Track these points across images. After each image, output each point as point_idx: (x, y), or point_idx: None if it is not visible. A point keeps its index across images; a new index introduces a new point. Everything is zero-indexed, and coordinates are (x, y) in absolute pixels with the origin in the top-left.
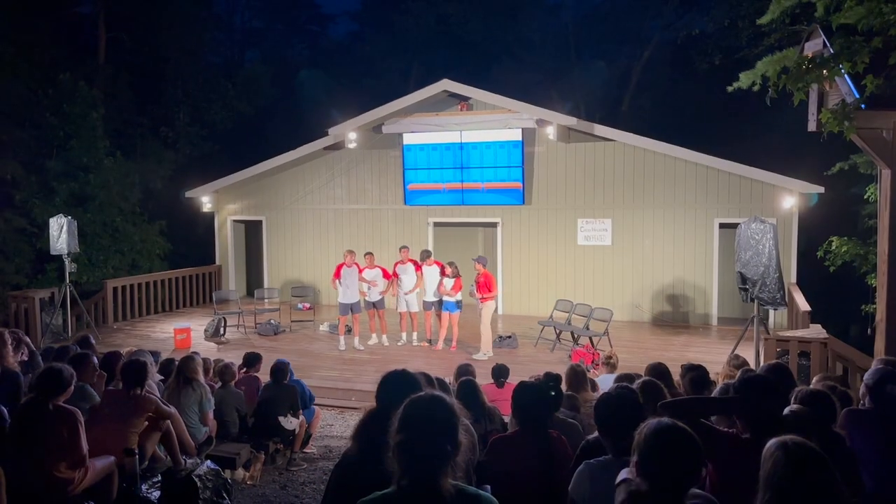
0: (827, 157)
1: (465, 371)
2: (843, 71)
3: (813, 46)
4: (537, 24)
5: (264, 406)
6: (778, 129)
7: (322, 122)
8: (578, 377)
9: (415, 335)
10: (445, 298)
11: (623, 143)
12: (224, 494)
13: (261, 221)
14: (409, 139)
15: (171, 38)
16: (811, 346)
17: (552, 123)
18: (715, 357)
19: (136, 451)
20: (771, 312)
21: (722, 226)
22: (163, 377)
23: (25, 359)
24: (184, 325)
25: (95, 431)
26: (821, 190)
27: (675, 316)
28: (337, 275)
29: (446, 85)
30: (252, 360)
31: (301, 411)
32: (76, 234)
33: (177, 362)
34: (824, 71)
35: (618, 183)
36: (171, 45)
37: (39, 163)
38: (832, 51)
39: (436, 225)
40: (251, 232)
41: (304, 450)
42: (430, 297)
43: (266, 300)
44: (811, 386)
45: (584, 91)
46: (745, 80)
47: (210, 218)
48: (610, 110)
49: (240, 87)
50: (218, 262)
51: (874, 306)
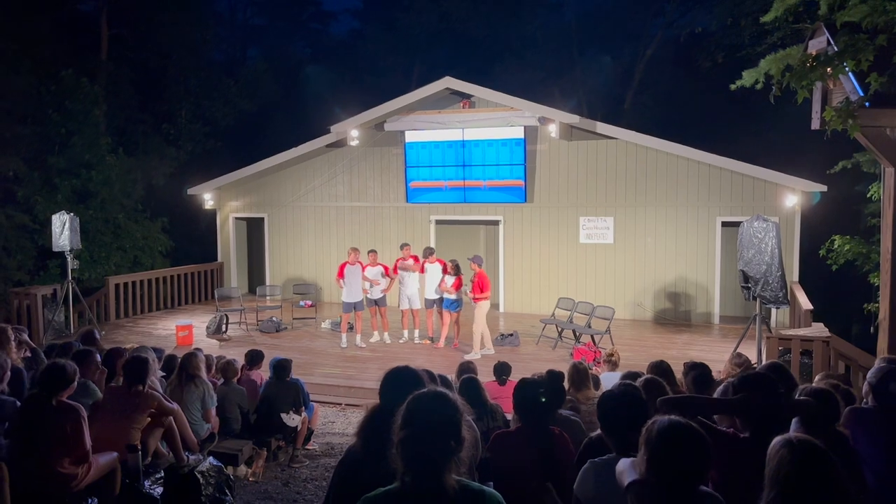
0: (830, 155)
1: (467, 368)
2: (847, 69)
3: (817, 44)
4: (540, 22)
5: (266, 403)
6: (780, 127)
7: (324, 120)
8: (581, 375)
9: (416, 332)
10: (446, 296)
11: (625, 141)
12: (226, 491)
13: (263, 219)
14: (411, 137)
15: (173, 35)
16: (813, 344)
17: (554, 121)
18: (717, 355)
19: (139, 448)
20: (773, 311)
21: (724, 224)
22: (165, 374)
23: (28, 355)
24: (186, 322)
25: (98, 428)
26: (823, 188)
27: (677, 314)
28: (341, 274)
29: (448, 83)
30: (256, 358)
31: (303, 408)
32: (78, 230)
33: (179, 359)
34: (828, 69)
35: (620, 181)
36: (173, 42)
37: (42, 159)
38: (836, 48)
39: (438, 223)
40: (253, 229)
41: (307, 447)
42: (432, 295)
43: (268, 297)
44: (814, 384)
45: (587, 89)
46: (748, 78)
47: (212, 215)
48: (612, 108)
49: (242, 84)
50: (220, 260)
51: (876, 305)
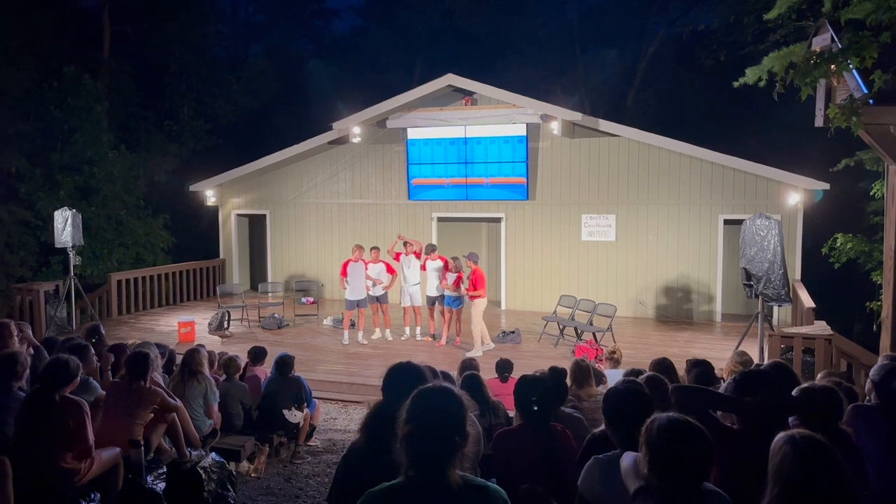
0: (832, 153)
1: (469, 365)
2: (851, 66)
3: (821, 41)
4: (542, 19)
5: (269, 399)
6: (783, 125)
7: (326, 117)
8: (583, 372)
9: (418, 330)
10: (447, 293)
11: (627, 138)
12: (228, 486)
13: (265, 216)
14: (413, 134)
15: (175, 31)
16: (816, 342)
17: (557, 118)
18: (719, 353)
19: (142, 443)
20: (775, 309)
21: (726, 222)
22: (166, 372)
23: (31, 352)
24: (188, 318)
25: (101, 423)
26: (826, 186)
27: (678, 312)
28: (344, 272)
29: (451, 79)
30: (259, 355)
31: (305, 404)
32: (81, 227)
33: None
34: (832, 66)
35: (622, 178)
36: (175, 39)
37: (44, 156)
38: (840, 45)
39: (440, 220)
40: (255, 226)
41: (308, 443)
42: (433, 292)
43: (270, 294)
44: (816, 382)
45: (589, 86)
46: (751, 75)
47: (214, 212)
48: (614, 106)
49: (244, 81)
50: (222, 256)
51: (879, 303)
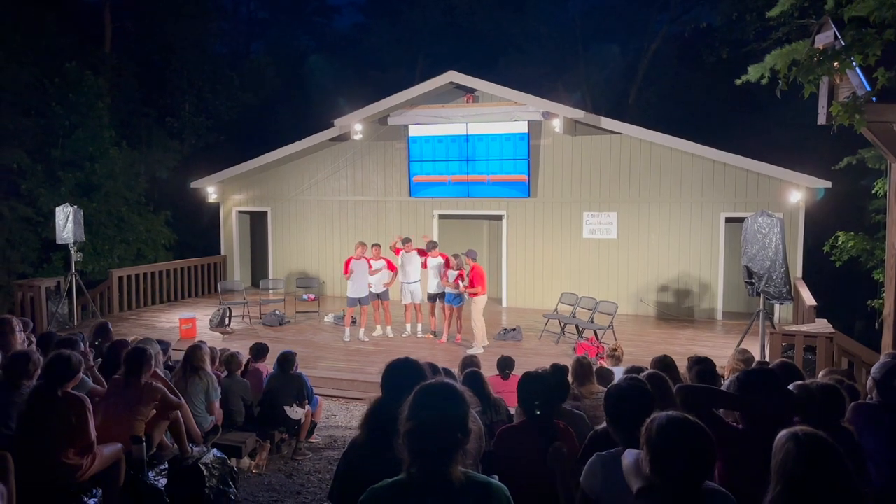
0: (834, 151)
1: (470, 363)
2: (854, 63)
3: (824, 39)
4: (544, 17)
5: (270, 396)
6: (785, 123)
7: (328, 113)
8: (584, 370)
9: (419, 327)
10: (448, 291)
11: (629, 136)
12: (230, 482)
13: (266, 212)
14: (414, 131)
15: (176, 28)
16: (817, 340)
17: (558, 116)
18: (720, 351)
19: (144, 439)
20: (776, 307)
21: (728, 220)
22: (167, 368)
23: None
24: (189, 315)
25: (102, 419)
26: (828, 184)
27: (680, 310)
28: (347, 270)
29: (452, 77)
30: (261, 352)
31: (307, 401)
32: (82, 223)
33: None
34: (835, 63)
35: (624, 176)
36: (176, 36)
37: (45, 152)
38: (843, 43)
39: (441, 217)
40: (256, 223)
41: (310, 439)
42: (434, 290)
43: (271, 291)
44: (818, 380)
45: (591, 84)
46: (753, 73)
47: (215, 208)
48: (616, 103)
49: (245, 78)
50: (223, 253)
51: (880, 301)
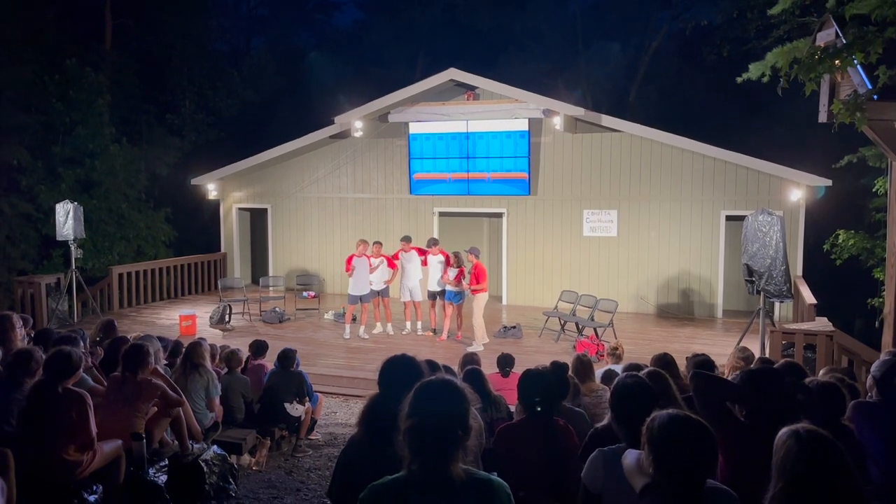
0: (835, 149)
1: (470, 360)
2: (855, 61)
3: (825, 37)
4: (545, 14)
5: (270, 393)
6: (786, 121)
7: (328, 111)
8: (585, 367)
9: (419, 324)
10: (448, 288)
11: (630, 134)
12: (230, 479)
13: (266, 209)
14: (415, 128)
15: (177, 25)
16: (817, 338)
17: (559, 114)
18: (720, 349)
19: (144, 436)
20: (776, 305)
21: (728, 218)
22: (167, 362)
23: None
24: (189, 311)
25: (102, 416)
26: (828, 183)
27: (680, 308)
28: (349, 268)
29: (453, 74)
30: (260, 349)
31: (307, 398)
32: (82, 220)
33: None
34: (836, 61)
35: (624, 174)
36: (177, 33)
37: (46, 149)
38: (845, 41)
39: (441, 215)
40: (256, 220)
41: (310, 436)
42: (435, 287)
43: (271, 288)
44: (819, 378)
45: (591, 82)
46: (754, 70)
47: (215, 205)
48: (617, 101)
49: (246, 74)
50: (223, 250)
51: (880, 300)
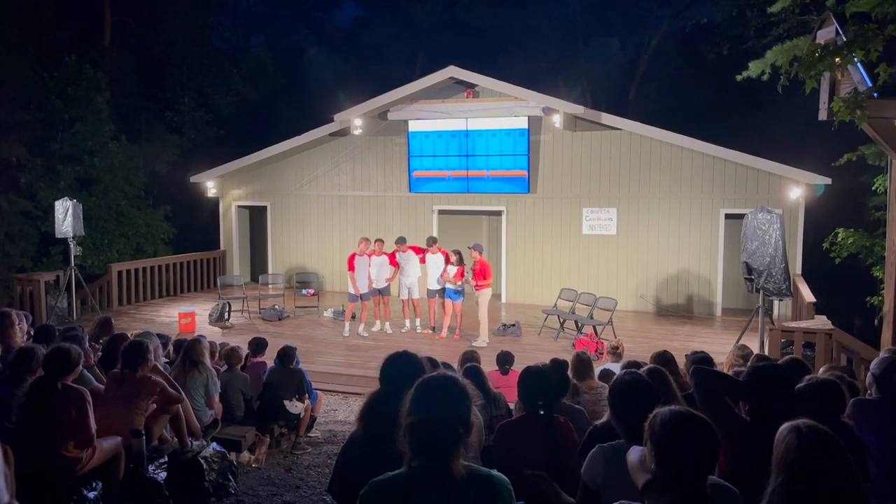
0: (834, 147)
1: (470, 357)
2: (855, 59)
3: (825, 34)
4: (544, 12)
5: (270, 390)
6: (785, 119)
7: (327, 108)
8: (584, 365)
9: (417, 322)
10: (448, 286)
11: (629, 132)
12: (229, 476)
13: (265, 207)
14: (414, 126)
15: (176, 22)
16: (816, 337)
17: (558, 112)
18: (719, 347)
19: (143, 433)
20: (776, 303)
21: (727, 216)
22: (167, 359)
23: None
24: (188, 309)
25: (101, 413)
26: (828, 181)
27: (679, 306)
28: (351, 266)
29: (452, 72)
30: (259, 347)
31: (306, 396)
32: (81, 217)
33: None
34: (837, 59)
35: (623, 172)
36: (176, 30)
37: (44, 146)
38: (845, 38)
39: (440, 213)
40: (256, 217)
41: (309, 434)
42: (434, 285)
43: (270, 286)
44: (819, 375)
45: (591, 79)
46: (754, 68)
47: (215, 203)
48: (616, 99)
49: (245, 72)
50: (222, 248)
51: (879, 298)
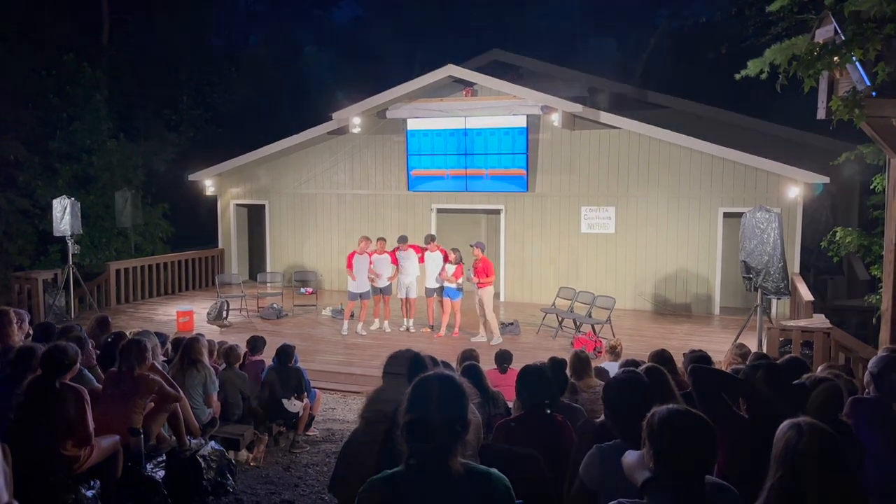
0: (833, 146)
1: (468, 356)
2: (854, 58)
3: (824, 33)
4: (543, 11)
5: (268, 388)
6: (784, 118)
7: (326, 107)
8: (582, 363)
9: (410, 322)
10: (447, 285)
11: (628, 130)
12: (228, 475)
13: (264, 206)
14: (413, 125)
15: (174, 20)
16: (814, 335)
17: (557, 110)
18: (717, 346)
19: (141, 431)
20: (774, 302)
21: (726, 215)
22: (165, 358)
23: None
24: (186, 308)
25: (99, 411)
26: (826, 180)
27: (677, 305)
28: (350, 265)
29: (451, 70)
30: (258, 345)
31: (305, 394)
32: (79, 215)
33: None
34: (835, 58)
35: (622, 171)
36: (174, 28)
37: (43, 144)
38: (843, 38)
39: (439, 211)
40: (254, 216)
41: (307, 432)
42: (433, 284)
43: (268, 284)
44: (817, 374)
45: (589, 78)
46: (752, 67)
47: (213, 201)
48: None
49: (243, 70)
50: (220, 246)
51: (877, 297)
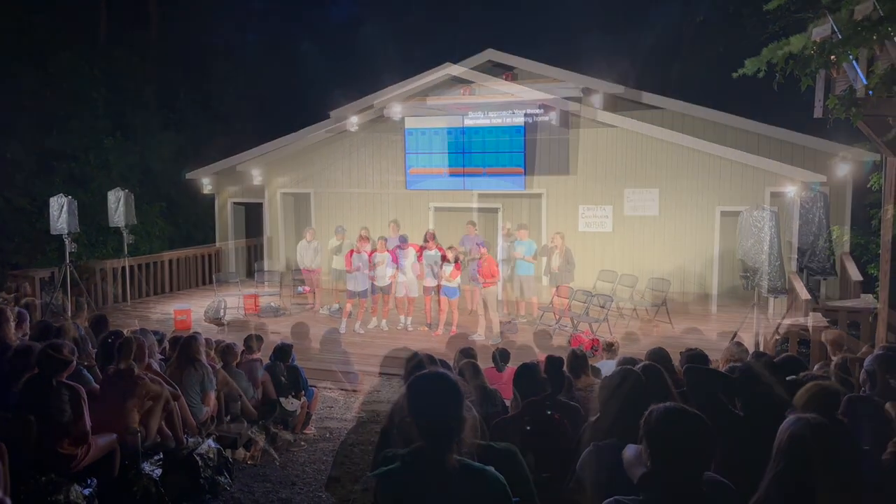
0: (828, 147)
1: (466, 354)
2: (851, 57)
3: (821, 32)
4: (539, 8)
5: (266, 387)
6: (782, 117)
7: (324, 105)
8: (579, 362)
9: (409, 320)
10: (445, 283)
11: (625, 129)
12: (225, 473)
13: (261, 204)
14: (410, 123)
15: (172, 18)
16: (811, 334)
17: (554, 109)
18: (715, 344)
19: (139, 430)
20: (771, 300)
21: (723, 214)
22: (163, 357)
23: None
24: (184, 306)
25: (96, 410)
26: (823, 178)
27: (674, 303)
28: (349, 264)
29: (449, 69)
30: (255, 344)
31: (303, 392)
32: (76, 214)
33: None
34: (832, 56)
35: (620, 169)
36: (172, 26)
37: (39, 142)
38: (840, 36)
39: (437, 209)
40: (251, 214)
41: (305, 431)
42: (430, 282)
43: (266, 282)
44: (814, 372)
45: (585, 79)
46: (750, 66)
47: (210, 200)
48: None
49: (241, 68)
50: (218, 244)
51: (874, 295)
